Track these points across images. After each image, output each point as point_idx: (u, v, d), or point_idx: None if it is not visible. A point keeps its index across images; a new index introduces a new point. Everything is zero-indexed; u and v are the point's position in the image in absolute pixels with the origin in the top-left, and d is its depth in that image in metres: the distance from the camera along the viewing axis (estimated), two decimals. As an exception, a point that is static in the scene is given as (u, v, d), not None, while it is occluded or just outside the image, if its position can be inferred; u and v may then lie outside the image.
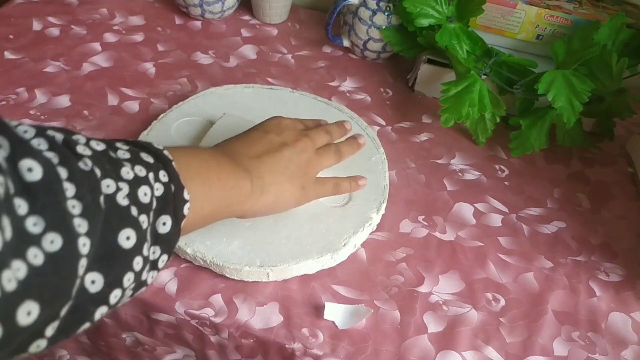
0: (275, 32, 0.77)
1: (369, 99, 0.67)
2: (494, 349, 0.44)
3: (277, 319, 0.44)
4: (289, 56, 0.73)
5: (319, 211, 0.50)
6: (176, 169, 0.34)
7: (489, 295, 0.48)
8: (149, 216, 0.30)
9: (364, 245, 0.50)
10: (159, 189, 0.32)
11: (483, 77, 0.60)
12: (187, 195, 0.34)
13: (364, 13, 0.68)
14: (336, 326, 0.44)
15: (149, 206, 0.31)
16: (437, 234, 0.52)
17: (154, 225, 0.31)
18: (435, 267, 0.49)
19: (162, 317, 0.45)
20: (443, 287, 0.48)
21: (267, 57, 0.72)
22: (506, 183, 0.59)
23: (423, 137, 0.63)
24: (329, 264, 0.47)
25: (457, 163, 0.60)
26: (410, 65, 0.71)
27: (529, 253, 0.52)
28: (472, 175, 0.59)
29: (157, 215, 0.32)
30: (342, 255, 0.48)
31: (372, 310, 0.45)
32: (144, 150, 0.33)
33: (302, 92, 0.64)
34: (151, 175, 0.31)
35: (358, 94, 0.68)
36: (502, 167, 0.61)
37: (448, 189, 0.57)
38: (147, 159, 0.32)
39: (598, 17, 0.63)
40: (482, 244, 0.52)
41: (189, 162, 0.36)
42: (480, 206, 0.56)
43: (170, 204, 0.33)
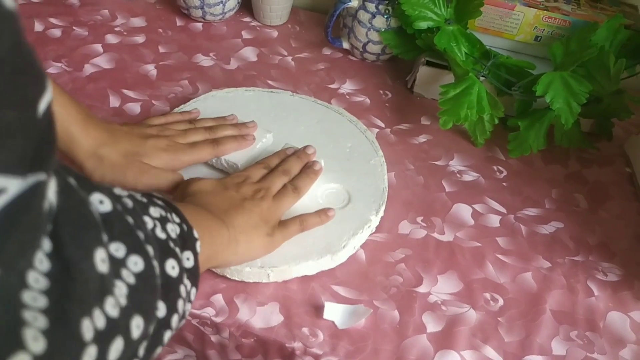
0: (275, 34, 0.78)
1: (368, 101, 0.68)
2: (492, 348, 0.44)
3: (277, 318, 0.44)
4: (289, 58, 0.73)
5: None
6: (182, 213, 0.36)
7: (487, 295, 0.48)
8: (177, 248, 0.33)
9: (363, 246, 0.50)
10: (175, 230, 0.34)
11: (481, 79, 0.61)
12: (196, 234, 0.36)
13: (364, 16, 0.68)
14: (336, 326, 0.44)
15: (177, 242, 0.33)
16: (435, 235, 0.53)
17: (181, 260, 0.33)
18: (434, 268, 0.50)
19: (163, 317, 0.45)
20: (442, 287, 0.48)
21: (267, 60, 0.73)
22: (504, 184, 0.59)
23: (422, 138, 0.64)
24: (329, 265, 0.48)
25: (455, 164, 0.61)
26: (409, 68, 0.72)
27: (527, 253, 0.52)
28: (470, 176, 0.60)
29: (182, 250, 0.34)
30: (342, 257, 0.48)
31: (372, 310, 0.45)
32: (152, 197, 0.35)
33: (302, 95, 0.64)
34: (169, 216, 0.34)
35: (357, 96, 0.68)
36: (501, 168, 0.61)
37: (446, 190, 0.57)
38: (159, 202, 0.34)
39: (596, 18, 0.63)
40: (480, 244, 0.52)
41: (185, 210, 0.38)
42: (478, 207, 0.56)
43: (188, 241, 0.35)
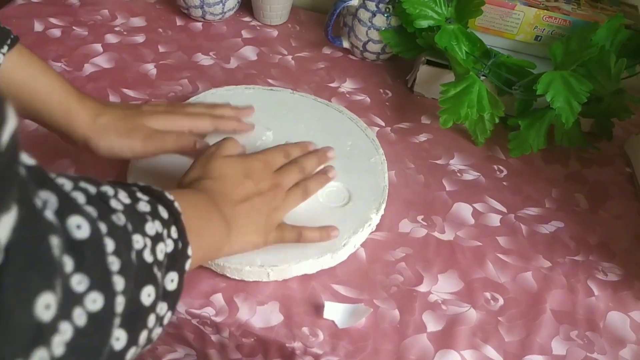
0: (275, 33, 0.78)
1: (368, 100, 0.68)
2: (492, 348, 0.44)
3: (277, 318, 0.44)
4: (289, 57, 0.73)
5: (319, 211, 0.50)
6: (184, 223, 0.34)
7: (488, 295, 0.48)
8: (161, 271, 0.30)
9: (363, 245, 0.50)
10: (169, 245, 0.32)
11: (482, 78, 0.61)
12: (190, 251, 0.34)
13: (364, 14, 0.68)
14: (336, 325, 0.44)
15: (163, 263, 0.31)
16: (436, 234, 0.53)
17: (163, 281, 0.31)
18: (434, 267, 0.50)
19: (163, 316, 0.45)
20: (442, 287, 0.48)
21: (267, 59, 0.73)
22: (505, 183, 0.59)
23: (422, 137, 0.64)
24: (329, 263, 0.48)
25: (456, 163, 0.61)
26: (409, 67, 0.72)
27: (527, 253, 0.52)
28: (470, 175, 0.60)
29: (167, 271, 0.31)
30: (342, 255, 0.48)
31: (372, 310, 0.45)
32: (159, 202, 0.33)
33: (303, 93, 0.64)
34: (165, 232, 0.32)
35: (358, 95, 0.68)
36: (501, 167, 0.61)
37: (447, 189, 0.57)
38: (162, 213, 0.32)
39: (596, 18, 0.63)
40: (480, 243, 0.52)
41: (190, 215, 0.36)
42: (479, 206, 0.56)
43: (177, 260, 0.33)
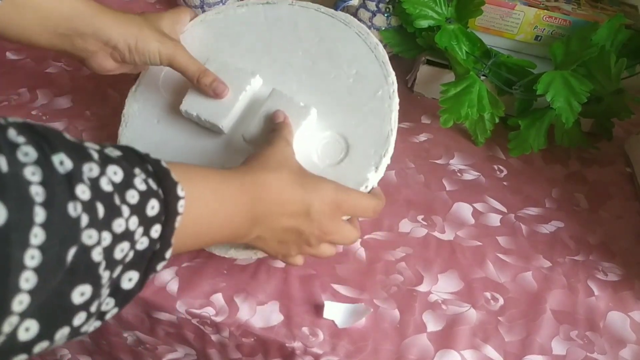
0: (275, 33, 0.78)
1: (368, 99, 0.68)
2: (492, 347, 0.44)
3: (277, 317, 0.44)
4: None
5: (311, 172, 0.45)
6: (176, 226, 0.31)
7: (488, 295, 0.48)
8: (115, 271, 0.28)
9: (363, 244, 0.50)
10: (143, 243, 0.29)
11: (482, 77, 0.61)
12: (169, 254, 0.31)
13: (364, 14, 0.68)
14: (336, 325, 0.44)
15: (121, 261, 0.28)
16: (436, 234, 0.53)
17: (118, 278, 0.28)
18: (434, 267, 0.50)
19: (163, 316, 0.45)
20: (442, 287, 0.48)
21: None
22: (505, 183, 0.59)
23: (422, 137, 0.64)
24: None
25: (456, 163, 0.61)
26: (409, 66, 0.72)
27: (527, 253, 0.52)
28: (471, 175, 0.60)
29: (127, 269, 0.29)
30: None
31: (372, 309, 0.45)
32: (160, 191, 0.30)
33: (304, 3, 0.54)
34: (141, 230, 0.29)
35: (358, 94, 0.68)
36: (501, 167, 0.61)
37: (447, 189, 0.57)
38: (154, 207, 0.29)
39: (596, 18, 0.63)
40: (480, 243, 0.52)
41: (199, 216, 0.33)
42: (479, 206, 0.56)
43: (146, 261, 0.30)
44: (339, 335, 0.44)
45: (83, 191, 0.25)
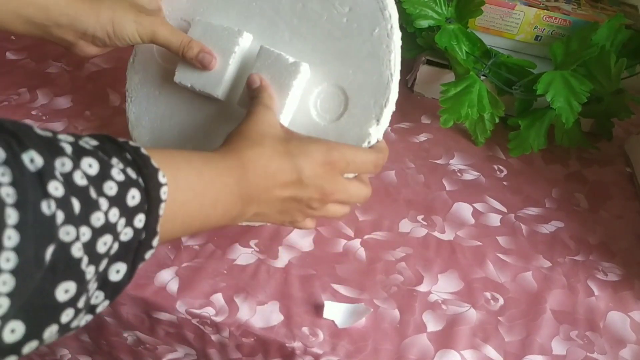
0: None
1: (368, 99, 0.68)
2: (492, 347, 0.44)
3: (277, 317, 0.44)
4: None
5: (309, 131, 0.43)
6: (160, 213, 0.30)
7: (488, 295, 0.48)
8: (100, 264, 0.27)
9: (363, 244, 0.50)
10: (127, 234, 0.29)
11: (482, 77, 0.61)
12: (156, 242, 0.31)
13: (364, 14, 0.68)
14: (336, 325, 0.44)
15: (105, 255, 0.27)
16: (436, 234, 0.53)
17: (105, 271, 0.28)
18: (434, 267, 0.50)
19: (163, 316, 0.45)
20: (442, 287, 0.48)
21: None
22: (505, 183, 0.59)
23: (422, 137, 0.64)
24: None
25: (456, 163, 0.61)
26: (409, 66, 0.72)
27: (527, 253, 0.52)
28: (471, 175, 0.60)
29: (113, 261, 0.28)
30: None
31: (372, 309, 0.45)
32: (140, 180, 0.29)
33: None
34: (123, 221, 0.28)
35: (358, 94, 0.68)
36: (501, 167, 0.61)
37: (447, 189, 0.57)
38: (134, 197, 0.28)
39: (596, 18, 0.63)
40: (480, 243, 0.52)
41: (186, 201, 0.33)
42: (479, 206, 0.56)
43: (132, 252, 0.29)
44: (339, 335, 0.44)
45: (56, 188, 0.24)
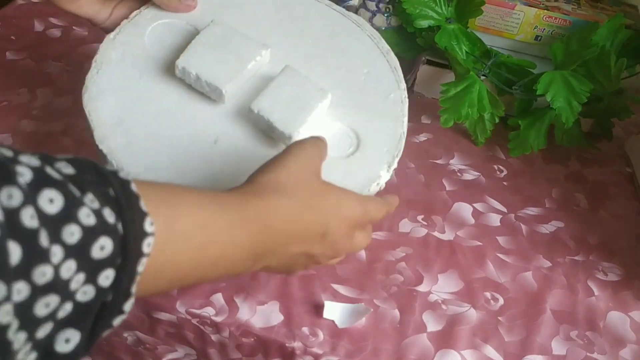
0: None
1: (368, 99, 0.68)
2: (492, 347, 0.44)
3: (277, 317, 0.44)
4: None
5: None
6: (139, 270, 0.24)
7: (488, 295, 0.48)
8: (38, 330, 0.21)
9: (363, 244, 0.50)
10: (87, 293, 0.23)
11: (482, 77, 0.61)
12: (129, 306, 0.25)
13: (364, 14, 0.68)
14: (336, 325, 0.44)
15: (48, 318, 0.21)
16: (436, 234, 0.53)
17: (48, 339, 0.22)
18: (434, 267, 0.50)
19: (164, 316, 0.45)
20: (442, 287, 0.48)
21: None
22: (505, 183, 0.59)
23: (422, 137, 0.64)
24: None
25: (456, 163, 0.61)
26: (409, 66, 0.72)
27: (527, 253, 0.52)
28: (471, 175, 0.60)
29: (61, 327, 0.22)
30: None
31: (372, 309, 0.45)
32: (120, 225, 0.23)
33: None
34: (81, 277, 0.22)
35: (358, 94, 0.68)
36: (501, 167, 0.61)
37: (447, 189, 0.57)
38: (104, 247, 0.23)
39: (596, 18, 0.63)
40: (480, 243, 0.52)
41: (179, 256, 0.27)
42: (479, 206, 0.56)
43: (91, 316, 0.23)
44: (339, 335, 0.44)
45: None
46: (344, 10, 0.51)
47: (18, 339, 0.20)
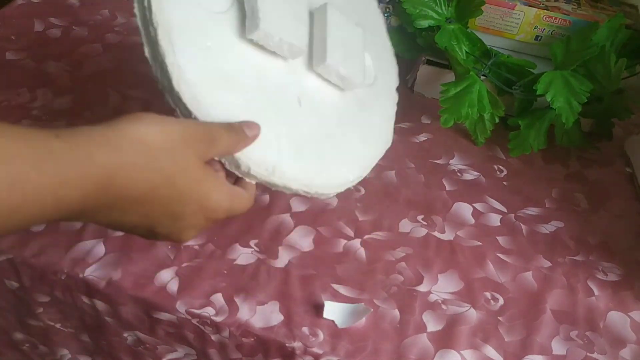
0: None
1: (368, 99, 0.68)
2: (492, 347, 0.44)
3: (277, 317, 0.44)
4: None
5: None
6: None
7: (488, 295, 0.48)
8: None
9: (363, 244, 0.50)
10: None
11: (482, 77, 0.61)
12: None
13: (364, 14, 0.68)
14: (336, 325, 0.44)
15: None
16: (436, 234, 0.53)
17: None
18: (434, 267, 0.50)
19: (163, 316, 0.45)
20: (442, 287, 0.48)
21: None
22: (505, 183, 0.59)
23: (422, 137, 0.64)
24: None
25: (456, 163, 0.61)
26: (409, 66, 0.72)
27: (527, 253, 0.52)
28: (471, 175, 0.60)
29: None
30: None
31: (372, 309, 0.45)
32: None
33: None
34: None
35: (358, 94, 0.68)
36: (501, 167, 0.61)
37: (447, 189, 0.57)
38: None
39: (596, 18, 0.63)
40: (480, 243, 0.52)
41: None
42: (479, 206, 0.56)
43: None
44: (339, 335, 0.44)
45: None
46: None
47: None
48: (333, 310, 0.45)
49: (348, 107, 0.47)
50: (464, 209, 0.56)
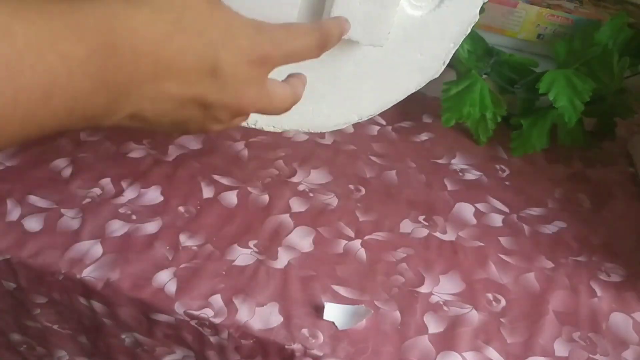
0: (275, 31, 0.77)
1: (369, 98, 0.67)
2: (494, 349, 0.44)
3: (276, 319, 0.44)
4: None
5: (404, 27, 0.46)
6: None
7: (490, 296, 0.48)
8: None
9: (364, 245, 0.50)
10: None
11: (484, 76, 0.60)
12: None
13: (365, 12, 0.68)
14: (336, 327, 0.44)
15: None
16: (437, 234, 0.52)
17: None
18: (436, 268, 0.49)
19: (162, 317, 0.45)
20: (443, 288, 0.48)
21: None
22: (507, 183, 0.59)
23: (423, 136, 0.63)
24: None
25: (457, 163, 0.60)
26: (410, 65, 0.71)
27: (529, 253, 0.52)
28: (472, 175, 0.59)
29: None
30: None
31: (372, 311, 0.45)
32: None
33: None
34: None
35: (358, 93, 0.68)
36: (503, 167, 0.61)
37: (449, 189, 0.57)
38: None
39: (599, 16, 0.63)
40: (482, 244, 0.52)
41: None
42: (481, 206, 0.56)
43: None
44: (339, 336, 0.43)
45: None
46: None
47: None
48: (333, 312, 0.44)
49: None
50: (466, 209, 0.55)
